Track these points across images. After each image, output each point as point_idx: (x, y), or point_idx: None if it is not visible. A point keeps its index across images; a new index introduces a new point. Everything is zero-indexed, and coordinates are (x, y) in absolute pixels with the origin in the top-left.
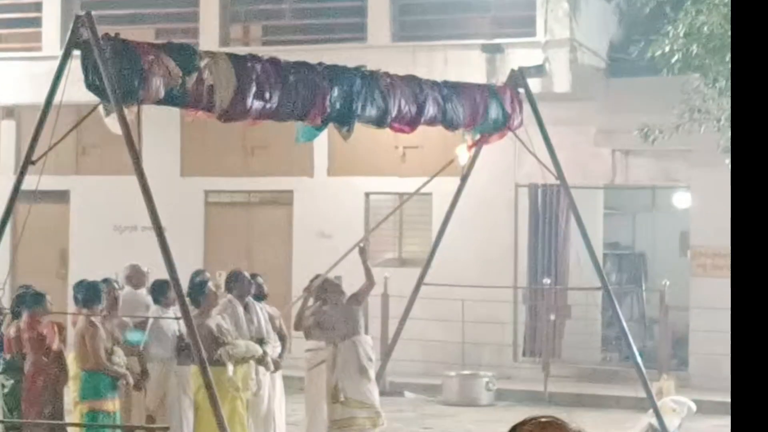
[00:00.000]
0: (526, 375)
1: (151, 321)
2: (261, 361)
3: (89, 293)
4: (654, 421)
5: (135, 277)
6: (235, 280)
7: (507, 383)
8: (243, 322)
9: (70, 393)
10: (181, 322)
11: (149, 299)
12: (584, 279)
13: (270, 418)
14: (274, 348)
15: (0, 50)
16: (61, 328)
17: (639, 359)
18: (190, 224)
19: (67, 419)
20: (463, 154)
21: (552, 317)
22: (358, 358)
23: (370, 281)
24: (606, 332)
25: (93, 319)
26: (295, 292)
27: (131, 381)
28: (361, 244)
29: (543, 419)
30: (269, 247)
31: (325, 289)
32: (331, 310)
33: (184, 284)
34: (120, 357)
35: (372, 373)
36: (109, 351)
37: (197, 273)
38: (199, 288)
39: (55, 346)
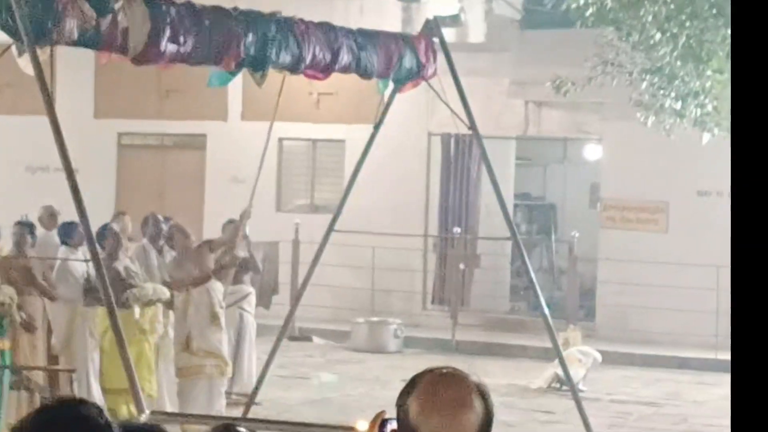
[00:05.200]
0: (435, 323)
1: (58, 263)
2: (169, 304)
3: None
4: (560, 370)
5: (46, 218)
6: (146, 224)
7: (415, 331)
8: (155, 266)
9: None
10: (90, 264)
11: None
12: (494, 229)
13: None
14: None
15: None
16: None
17: (546, 309)
18: (102, 166)
19: None
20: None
21: (461, 266)
22: (211, 304)
23: (231, 242)
24: (514, 282)
25: None
26: (207, 236)
27: (17, 318)
28: (249, 211)
29: (444, 370)
30: (182, 190)
31: (171, 235)
32: (180, 257)
33: (96, 227)
34: (5, 296)
35: (223, 321)
36: None
37: (115, 215)
38: (100, 231)
39: None
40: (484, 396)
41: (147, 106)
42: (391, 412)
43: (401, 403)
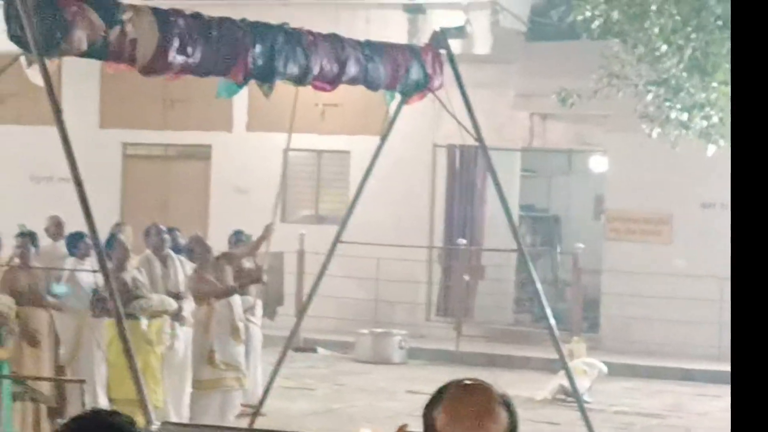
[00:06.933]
0: (439, 334)
1: (66, 273)
2: (176, 315)
3: None
4: (565, 382)
5: (53, 228)
6: (149, 235)
7: (420, 342)
8: (159, 277)
9: None
10: (98, 274)
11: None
12: (499, 240)
13: (185, 371)
14: (190, 302)
15: None
16: None
17: (552, 321)
18: (107, 176)
19: None
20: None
21: (466, 278)
22: (232, 318)
23: (251, 252)
24: (519, 293)
25: None
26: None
27: (15, 330)
28: (273, 226)
29: (468, 381)
30: (186, 200)
31: (191, 247)
32: (200, 269)
33: (103, 237)
34: (3, 305)
35: (243, 334)
36: None
37: (116, 225)
38: (107, 242)
39: None
40: (508, 406)
41: (152, 117)
42: (393, 424)
43: (427, 414)
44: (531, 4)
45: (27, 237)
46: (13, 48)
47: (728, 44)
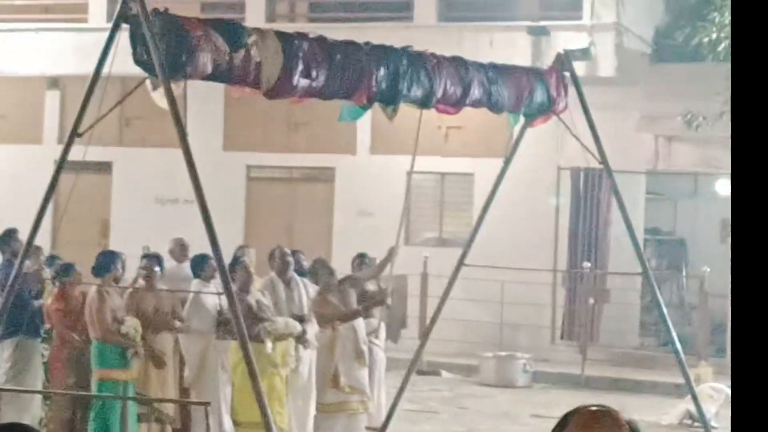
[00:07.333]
0: (564, 358)
1: (191, 295)
2: (300, 338)
3: (99, 263)
4: (691, 406)
5: (177, 250)
6: (273, 258)
7: (544, 365)
8: (283, 300)
9: None
10: (222, 297)
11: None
12: (624, 263)
13: (309, 394)
14: (314, 325)
15: (45, 21)
16: None
17: (678, 345)
18: (231, 199)
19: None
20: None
21: (591, 301)
22: (356, 341)
23: (375, 275)
24: (644, 317)
25: (104, 289)
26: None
27: (141, 352)
28: (397, 249)
29: (594, 408)
30: (310, 223)
31: (315, 270)
32: (324, 292)
33: (227, 259)
34: (130, 327)
35: (367, 358)
36: (120, 321)
37: (239, 248)
38: (231, 264)
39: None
40: None
41: (276, 139)
42: None
43: None
44: (655, 25)
45: (152, 259)
46: (138, 71)
47: None
